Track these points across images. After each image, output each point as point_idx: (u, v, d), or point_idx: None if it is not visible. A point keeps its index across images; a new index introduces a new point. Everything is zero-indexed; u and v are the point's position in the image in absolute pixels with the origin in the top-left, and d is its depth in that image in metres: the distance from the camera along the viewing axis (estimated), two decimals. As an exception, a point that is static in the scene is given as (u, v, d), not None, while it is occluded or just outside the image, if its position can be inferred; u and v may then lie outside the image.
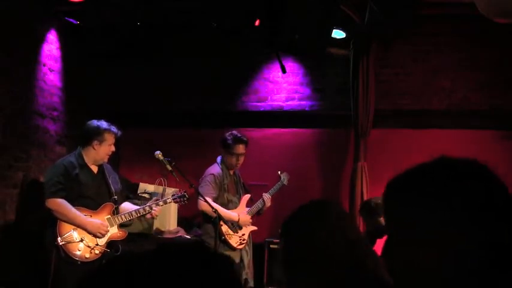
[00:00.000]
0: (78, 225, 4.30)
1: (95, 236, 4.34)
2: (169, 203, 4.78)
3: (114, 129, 4.53)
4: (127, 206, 4.63)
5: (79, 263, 4.21)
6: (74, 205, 4.32)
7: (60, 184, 4.33)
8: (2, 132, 4.85)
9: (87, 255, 4.27)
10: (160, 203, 4.65)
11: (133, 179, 6.20)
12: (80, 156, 4.49)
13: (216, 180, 5.04)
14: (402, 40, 6.06)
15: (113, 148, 4.54)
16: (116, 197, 4.57)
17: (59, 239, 4.21)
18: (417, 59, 6.11)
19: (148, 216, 4.63)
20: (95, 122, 4.53)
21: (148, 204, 4.65)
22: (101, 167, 4.60)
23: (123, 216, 4.51)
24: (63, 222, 4.27)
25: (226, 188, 5.13)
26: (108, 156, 4.55)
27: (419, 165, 1.08)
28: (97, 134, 4.46)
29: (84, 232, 4.31)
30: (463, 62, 5.99)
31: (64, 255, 4.20)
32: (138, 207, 4.61)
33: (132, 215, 4.54)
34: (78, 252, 4.25)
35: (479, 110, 5.96)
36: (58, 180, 4.34)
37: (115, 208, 4.53)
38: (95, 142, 4.45)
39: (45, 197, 4.31)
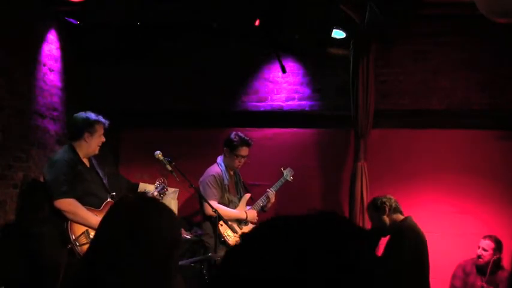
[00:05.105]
0: (91, 226, 4.16)
1: None
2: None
3: (102, 119, 4.45)
4: None
5: None
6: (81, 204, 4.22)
7: (68, 183, 4.20)
8: (2, 132, 4.85)
9: None
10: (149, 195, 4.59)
11: (133, 179, 6.20)
12: (74, 151, 4.36)
13: (217, 181, 5.04)
14: (402, 40, 6.05)
15: (103, 138, 4.46)
16: (114, 193, 4.50)
17: (73, 241, 4.08)
18: (417, 59, 6.10)
19: None
20: (83, 114, 4.44)
21: None
22: (90, 160, 4.49)
23: None
24: (74, 224, 4.13)
25: (227, 188, 5.13)
26: (98, 148, 4.47)
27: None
28: (88, 126, 4.38)
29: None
30: (463, 62, 5.98)
31: (79, 258, 4.03)
32: None
33: None
34: None
35: (479, 110, 5.96)
36: (65, 179, 4.20)
37: None
38: (86, 134, 4.37)
39: (55, 198, 4.15)
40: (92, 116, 4.43)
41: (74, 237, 4.11)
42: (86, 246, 4.06)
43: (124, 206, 1.84)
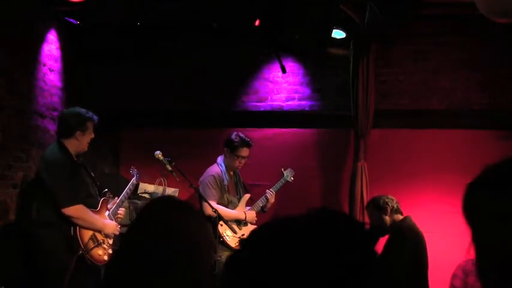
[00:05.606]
0: (97, 229, 4.16)
1: (109, 236, 4.24)
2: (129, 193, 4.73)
3: (93, 116, 4.36)
4: None
5: (101, 266, 4.10)
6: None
7: (71, 188, 4.14)
8: (2, 132, 4.85)
9: (106, 258, 4.15)
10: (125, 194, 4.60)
11: (134, 179, 6.20)
12: (66, 150, 4.26)
13: (216, 181, 5.04)
14: (402, 40, 6.05)
15: (93, 135, 4.38)
16: (106, 190, 4.45)
17: (83, 247, 4.05)
18: (417, 59, 6.10)
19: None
20: (73, 111, 4.34)
21: (123, 194, 4.57)
22: (78, 157, 4.41)
23: (119, 212, 4.47)
24: (82, 229, 4.10)
25: (226, 188, 5.12)
26: (88, 145, 4.39)
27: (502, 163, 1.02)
28: (80, 125, 4.27)
29: (100, 234, 4.18)
30: (463, 62, 5.98)
31: (90, 263, 4.06)
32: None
33: (120, 206, 4.48)
34: (100, 257, 4.12)
35: (479, 110, 5.96)
36: (69, 184, 4.14)
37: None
38: (78, 133, 4.26)
39: (63, 206, 4.07)
40: (83, 113, 4.32)
41: (83, 243, 4.08)
42: (94, 250, 4.10)
43: (153, 211, 1.79)
